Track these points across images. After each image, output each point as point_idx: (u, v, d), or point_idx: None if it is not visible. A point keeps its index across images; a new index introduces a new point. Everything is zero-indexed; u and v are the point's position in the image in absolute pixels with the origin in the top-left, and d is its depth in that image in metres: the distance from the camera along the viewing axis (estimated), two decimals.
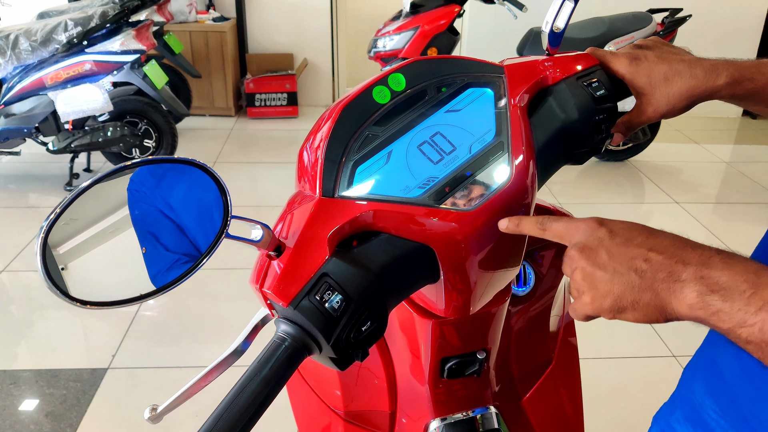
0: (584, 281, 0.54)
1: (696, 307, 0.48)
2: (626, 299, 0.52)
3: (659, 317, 0.51)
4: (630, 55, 0.72)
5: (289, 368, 0.54)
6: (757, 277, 0.47)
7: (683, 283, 0.49)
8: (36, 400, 2.07)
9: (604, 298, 0.53)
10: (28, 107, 3.48)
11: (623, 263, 0.52)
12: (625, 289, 0.52)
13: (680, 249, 0.51)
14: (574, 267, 0.55)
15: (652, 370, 2.24)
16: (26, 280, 2.79)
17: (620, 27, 3.51)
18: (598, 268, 0.53)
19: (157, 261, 0.58)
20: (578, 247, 0.55)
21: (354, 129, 0.64)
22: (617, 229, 0.54)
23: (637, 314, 0.52)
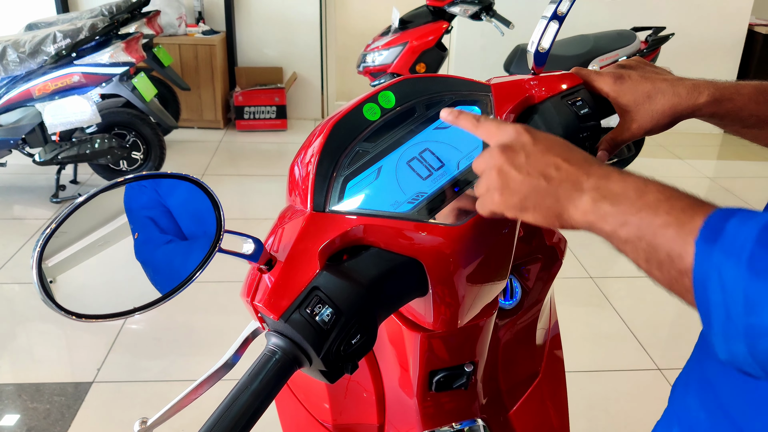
0: (498, 178, 0.57)
1: (588, 212, 0.53)
2: (531, 200, 0.56)
3: (555, 222, 0.55)
4: (614, 75, 0.74)
5: (280, 381, 0.55)
6: (644, 185, 0.51)
7: (582, 191, 0.53)
8: (18, 414, 2.04)
9: (512, 196, 0.57)
10: (14, 118, 3.46)
11: (537, 167, 0.56)
12: (532, 191, 0.56)
13: (588, 163, 0.55)
14: (493, 163, 0.58)
15: (637, 383, 2.26)
16: (10, 293, 2.76)
17: (605, 45, 3.57)
18: (514, 168, 0.56)
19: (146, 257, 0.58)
20: (502, 146, 0.58)
21: (345, 145, 0.66)
22: (541, 137, 0.58)
23: (536, 216, 0.56)
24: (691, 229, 0.46)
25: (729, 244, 0.43)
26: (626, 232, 0.50)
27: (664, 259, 0.47)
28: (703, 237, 0.45)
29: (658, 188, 0.51)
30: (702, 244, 0.44)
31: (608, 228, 0.52)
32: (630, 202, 0.51)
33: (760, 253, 0.41)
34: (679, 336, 2.53)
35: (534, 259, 0.88)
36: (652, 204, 0.49)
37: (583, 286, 2.87)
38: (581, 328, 2.56)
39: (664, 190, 0.50)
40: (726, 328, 0.43)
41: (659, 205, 0.49)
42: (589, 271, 2.97)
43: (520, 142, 0.58)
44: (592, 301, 2.76)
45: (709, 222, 0.45)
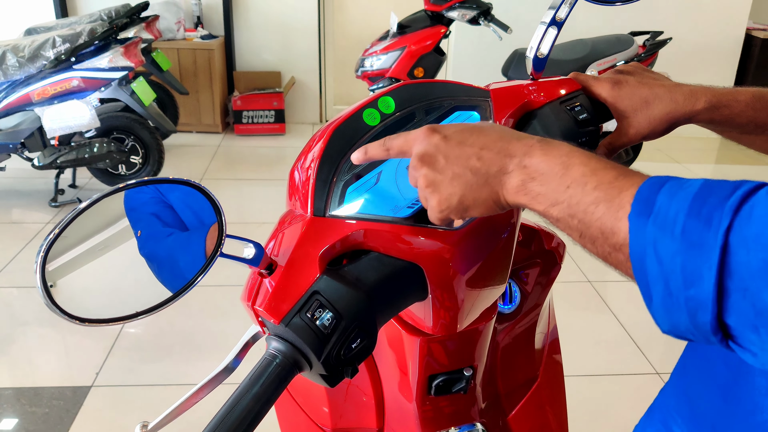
0: (428, 188, 0.57)
1: (520, 194, 0.53)
2: (468, 198, 0.56)
3: (496, 208, 0.56)
4: (612, 80, 0.74)
5: (280, 385, 0.55)
6: (568, 158, 0.51)
7: (510, 174, 0.54)
8: (17, 418, 2.04)
9: (449, 200, 0.56)
10: (14, 123, 3.46)
11: (459, 164, 0.55)
12: (465, 188, 0.55)
13: (507, 143, 0.55)
14: (418, 175, 0.58)
15: (636, 387, 2.26)
16: (8, 297, 2.76)
17: (603, 49, 3.58)
18: (438, 172, 0.56)
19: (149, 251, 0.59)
20: (418, 156, 0.57)
21: (345, 150, 0.66)
22: (449, 133, 0.57)
23: (480, 209, 0.56)
24: (620, 203, 0.46)
25: (662, 218, 0.43)
26: (557, 211, 0.51)
27: (597, 235, 0.48)
28: (635, 211, 0.45)
29: (581, 160, 0.51)
30: (635, 218, 0.45)
31: (540, 208, 0.52)
32: (557, 179, 0.51)
33: (692, 226, 0.41)
34: (677, 340, 2.52)
35: (533, 264, 0.88)
36: (578, 179, 0.50)
37: (581, 290, 2.87)
38: (580, 333, 2.56)
39: (589, 162, 0.50)
40: (666, 301, 0.43)
41: (586, 181, 0.49)
42: (587, 275, 2.97)
43: (433, 145, 0.57)
44: (590, 306, 2.77)
45: (639, 195, 0.45)
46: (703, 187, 0.43)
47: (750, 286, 0.38)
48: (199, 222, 0.59)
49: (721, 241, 0.39)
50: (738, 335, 0.41)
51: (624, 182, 0.47)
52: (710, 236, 0.40)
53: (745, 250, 0.38)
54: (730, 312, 0.40)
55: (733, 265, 0.39)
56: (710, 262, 0.40)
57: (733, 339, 0.41)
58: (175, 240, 0.60)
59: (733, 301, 0.40)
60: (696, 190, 0.43)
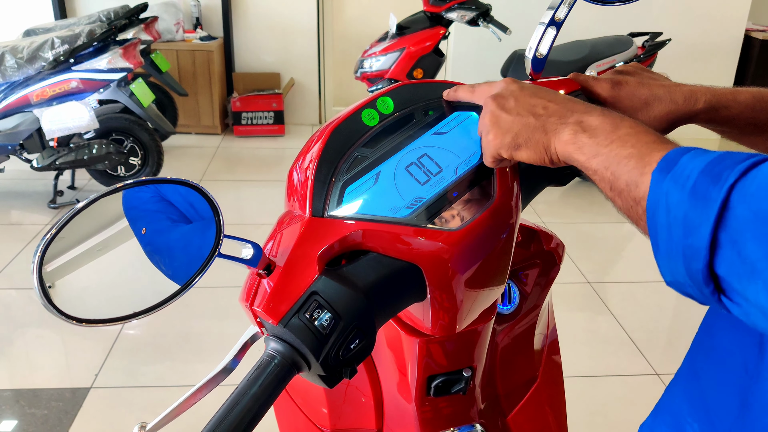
0: (491, 122, 0.62)
1: (568, 143, 0.57)
2: (522, 136, 0.60)
3: (545, 155, 0.60)
4: (611, 80, 0.74)
5: (279, 386, 0.55)
6: (620, 120, 0.56)
7: (566, 124, 0.58)
8: (16, 420, 2.03)
9: (505, 135, 0.61)
10: (12, 124, 3.46)
11: (526, 108, 0.61)
12: (523, 128, 0.60)
13: (573, 103, 0.60)
14: (486, 111, 0.64)
15: (635, 388, 2.26)
16: (7, 299, 2.75)
17: (602, 50, 3.58)
18: (505, 111, 0.62)
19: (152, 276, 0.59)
20: (493, 96, 0.64)
21: (343, 150, 0.66)
22: (527, 85, 0.64)
23: (529, 151, 0.60)
24: (649, 161, 0.50)
25: (679, 173, 0.46)
26: (596, 162, 0.54)
27: (623, 187, 0.52)
28: (659, 168, 0.48)
29: (630, 124, 0.55)
30: (657, 174, 0.48)
31: (582, 158, 0.55)
32: (605, 134, 0.55)
33: (702, 181, 0.44)
34: (677, 341, 2.53)
35: (532, 264, 0.88)
36: (622, 137, 0.53)
37: (581, 291, 2.87)
38: (579, 333, 2.56)
39: (636, 126, 0.54)
40: (668, 248, 0.46)
41: (628, 139, 0.53)
42: (586, 276, 2.97)
43: (509, 90, 0.63)
44: (590, 306, 2.77)
45: (667, 156, 0.49)
46: (724, 154, 0.46)
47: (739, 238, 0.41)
48: (199, 232, 0.59)
49: (723, 196, 0.42)
50: (726, 287, 0.43)
51: (659, 145, 0.51)
52: (715, 191, 0.43)
53: (743, 205, 0.41)
54: (720, 262, 0.43)
55: (729, 219, 0.42)
56: (709, 213, 0.42)
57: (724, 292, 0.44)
58: (183, 231, 0.60)
59: (723, 252, 0.42)
60: (716, 155, 0.46)
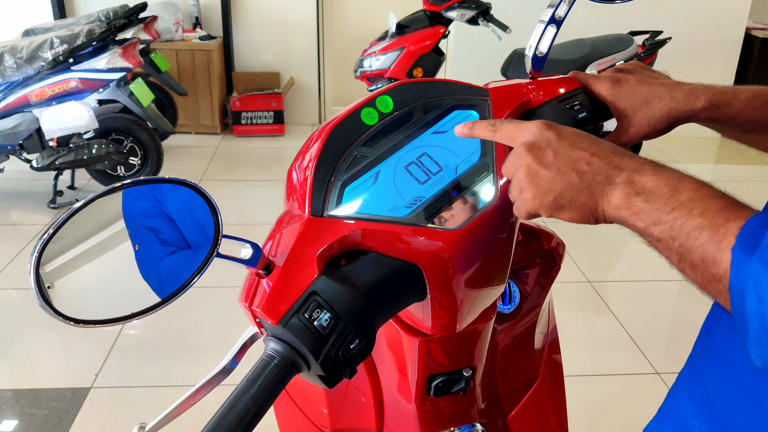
0: (527, 178, 0.57)
1: (621, 207, 0.52)
2: (565, 198, 0.55)
3: (590, 218, 0.55)
4: (612, 79, 0.74)
5: (278, 386, 0.55)
6: (678, 182, 0.51)
7: (615, 186, 0.53)
8: (16, 420, 2.03)
9: (545, 195, 0.56)
10: (12, 124, 3.45)
11: (567, 164, 0.55)
12: (566, 188, 0.55)
13: (619, 156, 0.55)
14: (520, 164, 0.57)
15: (636, 387, 2.25)
16: (7, 299, 2.75)
17: (602, 49, 3.58)
18: (543, 166, 0.56)
19: (149, 270, 0.58)
20: (526, 145, 0.57)
21: (342, 150, 0.66)
22: (565, 132, 0.57)
23: (573, 213, 0.55)
24: (725, 233, 0.46)
25: (767, 256, 0.43)
26: (659, 231, 0.50)
27: (698, 262, 0.48)
28: (740, 245, 0.45)
29: (692, 186, 0.50)
30: (739, 252, 0.44)
31: (641, 225, 0.51)
32: (663, 200, 0.50)
33: None
34: (678, 340, 2.53)
35: (532, 264, 0.88)
36: (686, 203, 0.49)
37: (581, 290, 2.87)
38: (580, 333, 2.56)
39: (699, 189, 0.50)
40: (762, 338, 0.43)
41: (693, 206, 0.49)
42: (587, 275, 2.97)
43: (545, 139, 0.57)
44: (590, 306, 2.76)
45: (746, 229, 0.45)
46: None
47: None
48: (200, 229, 0.58)
49: None
50: None
51: (731, 213, 0.47)
52: None
53: None
54: None
55: None
56: None
57: None
58: (175, 259, 0.59)
59: None
60: None
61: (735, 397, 0.60)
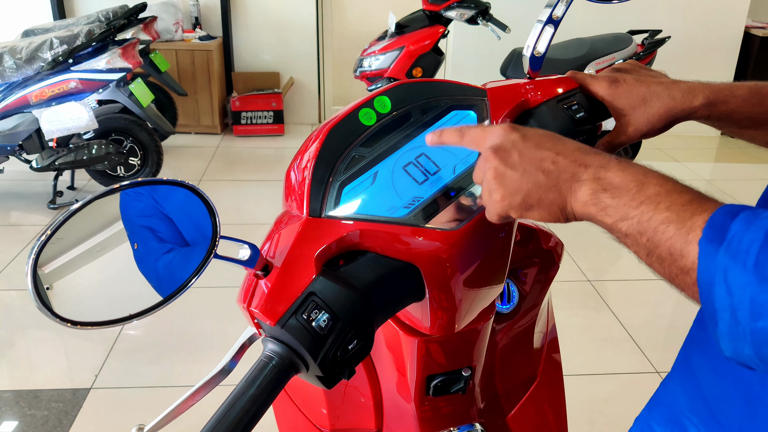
0: (495, 180, 0.57)
1: (588, 204, 0.53)
2: (533, 197, 0.56)
3: (560, 216, 0.55)
4: (609, 78, 0.74)
5: (277, 386, 0.55)
6: (644, 177, 0.51)
7: (582, 182, 0.53)
8: (16, 421, 2.03)
9: (514, 196, 0.56)
10: (11, 125, 3.45)
11: (533, 164, 0.56)
12: (533, 187, 0.55)
13: (584, 153, 0.55)
14: (488, 167, 0.58)
15: (635, 386, 2.26)
16: (7, 300, 2.75)
17: (601, 48, 3.58)
18: (510, 167, 0.56)
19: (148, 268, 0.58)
20: (493, 148, 0.58)
21: (341, 150, 0.66)
22: (530, 134, 0.58)
23: (542, 212, 0.56)
24: (691, 226, 0.46)
25: (735, 248, 0.43)
26: (627, 226, 0.50)
27: (666, 255, 0.48)
28: (706, 237, 0.45)
29: (658, 181, 0.51)
30: (706, 244, 0.45)
31: (609, 221, 0.52)
32: (630, 195, 0.50)
33: (766, 258, 0.41)
34: (677, 339, 2.52)
35: (531, 263, 0.88)
36: (652, 198, 0.49)
37: (580, 289, 2.87)
38: (579, 332, 2.56)
39: (665, 183, 0.50)
40: (732, 329, 0.43)
41: (659, 200, 0.49)
42: (586, 274, 2.97)
43: (510, 141, 0.57)
44: (589, 305, 2.76)
45: (712, 222, 0.45)
46: None
47: None
48: (198, 231, 0.58)
49: None
50: None
51: (698, 206, 0.47)
52: None
53: None
54: None
55: None
56: None
57: None
58: (173, 256, 0.60)
59: None
60: None
61: (727, 389, 0.60)
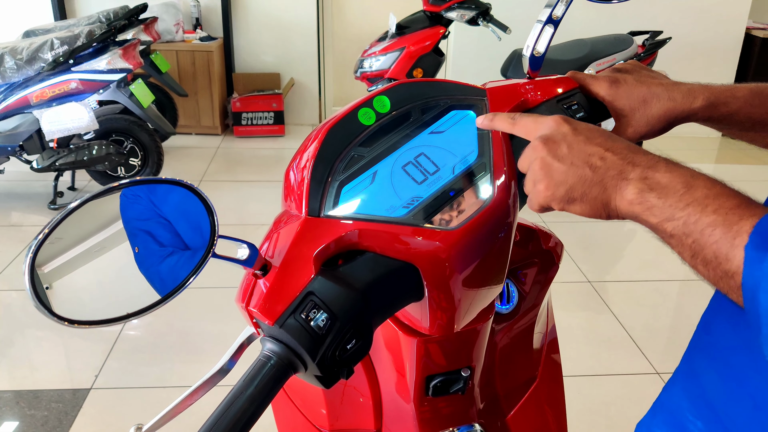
0: (542, 170, 0.57)
1: (634, 203, 0.52)
2: (577, 191, 0.55)
3: (602, 212, 0.55)
4: (610, 78, 0.74)
5: (275, 386, 0.55)
6: (692, 179, 0.51)
7: (629, 181, 0.53)
8: (16, 421, 2.03)
9: (558, 187, 0.56)
10: (12, 125, 3.46)
11: (581, 157, 0.55)
12: (578, 181, 0.55)
13: (633, 152, 0.55)
14: (535, 157, 0.58)
15: (635, 387, 2.25)
16: (7, 300, 2.75)
17: (602, 49, 3.58)
18: (557, 159, 0.56)
19: (150, 271, 0.58)
20: (542, 138, 0.58)
21: (340, 150, 0.66)
22: (581, 128, 0.58)
23: (584, 207, 0.56)
24: (738, 231, 0.46)
25: None
26: (672, 227, 0.50)
27: (711, 258, 0.48)
28: (752, 243, 0.45)
29: (706, 183, 0.50)
30: (752, 250, 0.44)
31: (654, 220, 0.52)
32: (677, 196, 0.50)
33: None
34: (677, 339, 2.52)
35: (530, 263, 0.88)
36: (700, 200, 0.49)
37: (580, 290, 2.87)
38: (579, 332, 2.56)
39: (713, 186, 0.50)
40: None
41: (707, 202, 0.49)
42: (586, 275, 2.97)
43: (561, 133, 0.57)
44: (589, 305, 2.76)
45: (759, 228, 0.45)
46: None
47: None
48: (196, 231, 0.58)
49: None
50: None
51: (745, 211, 0.47)
52: None
53: None
54: None
55: None
56: None
57: None
58: (174, 260, 0.59)
59: None
60: None
61: (732, 393, 0.60)
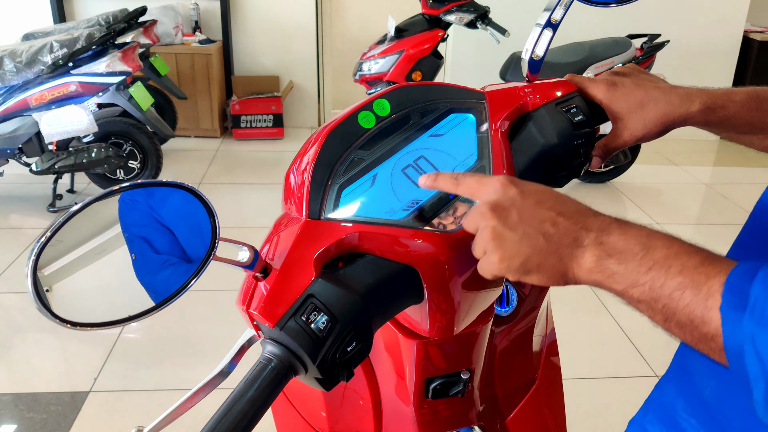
0: (493, 241, 0.54)
1: (594, 271, 0.51)
2: (533, 262, 0.53)
3: (560, 281, 0.53)
4: (607, 82, 0.74)
5: (275, 389, 0.55)
6: (648, 240, 0.50)
7: (585, 248, 0.51)
8: (15, 424, 2.03)
9: (512, 259, 0.54)
10: (11, 128, 3.46)
11: (533, 225, 0.53)
12: (533, 252, 0.53)
13: (584, 216, 0.53)
14: (485, 225, 0.55)
15: (634, 390, 2.25)
16: (6, 302, 2.75)
17: (600, 52, 3.58)
18: (509, 228, 0.54)
19: (146, 279, 0.58)
20: (490, 204, 0.55)
21: (340, 153, 0.66)
22: (528, 190, 0.55)
23: (541, 276, 0.54)
24: (709, 292, 0.45)
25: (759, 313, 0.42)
26: (639, 293, 0.49)
27: (686, 322, 0.46)
28: (727, 302, 0.43)
29: (663, 243, 0.49)
30: (728, 310, 0.43)
31: (618, 287, 0.50)
32: (637, 260, 0.49)
33: None
34: (676, 342, 2.52)
35: None
36: (661, 262, 0.48)
37: (580, 292, 2.87)
38: (578, 335, 2.56)
39: (671, 245, 0.49)
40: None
41: (669, 263, 0.47)
42: None
43: (509, 198, 0.55)
44: (589, 308, 2.76)
45: (730, 285, 0.44)
46: None
47: None
48: (196, 234, 0.58)
49: None
50: None
51: (710, 268, 0.46)
52: None
53: None
54: None
55: None
56: None
57: None
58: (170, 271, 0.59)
59: None
60: None
61: (728, 391, 0.60)
